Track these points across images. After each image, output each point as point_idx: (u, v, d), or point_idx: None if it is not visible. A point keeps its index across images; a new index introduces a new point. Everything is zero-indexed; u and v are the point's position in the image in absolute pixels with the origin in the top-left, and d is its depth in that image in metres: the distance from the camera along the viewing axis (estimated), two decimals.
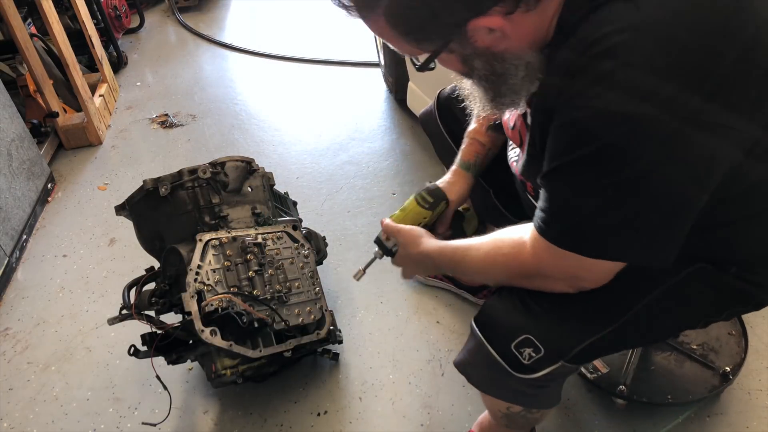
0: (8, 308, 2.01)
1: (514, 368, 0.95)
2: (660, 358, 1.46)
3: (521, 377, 0.96)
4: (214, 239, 1.42)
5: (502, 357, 0.96)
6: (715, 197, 0.80)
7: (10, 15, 2.37)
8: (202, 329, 1.29)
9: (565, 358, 0.95)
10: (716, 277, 0.94)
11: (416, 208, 1.27)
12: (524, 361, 0.94)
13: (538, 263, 0.90)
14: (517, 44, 0.80)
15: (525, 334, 0.93)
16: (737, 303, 0.99)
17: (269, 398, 1.61)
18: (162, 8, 4.17)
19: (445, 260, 1.09)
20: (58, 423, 1.63)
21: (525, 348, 0.94)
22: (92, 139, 2.81)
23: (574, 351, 0.95)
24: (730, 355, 1.46)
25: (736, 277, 0.94)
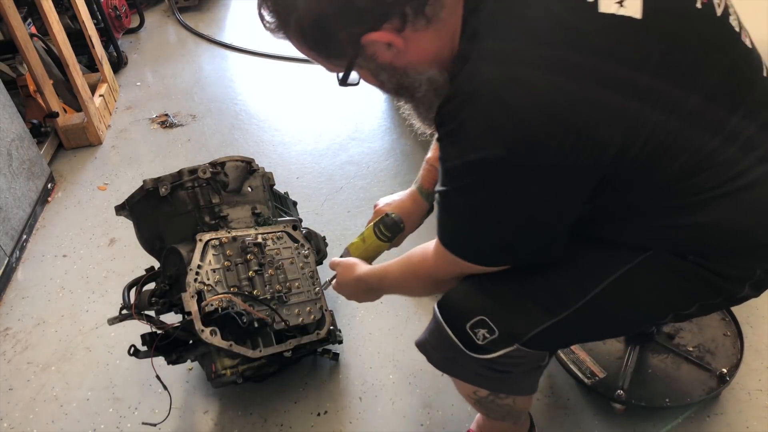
0: (8, 308, 2.01)
1: (469, 348, 0.99)
2: (657, 360, 1.46)
3: (476, 357, 0.99)
4: (214, 239, 1.42)
5: (457, 336, 0.99)
6: (659, 185, 0.85)
7: (10, 15, 2.37)
8: (202, 329, 1.30)
9: (519, 341, 0.98)
10: (674, 264, 0.94)
11: (376, 241, 1.32)
12: (478, 342, 0.98)
13: (437, 268, 1.00)
14: (416, 60, 0.87)
15: (480, 315, 0.97)
16: (706, 294, 0.97)
17: (269, 398, 1.61)
18: (162, 8, 4.17)
19: (373, 281, 1.21)
20: (58, 423, 1.63)
21: (479, 329, 0.97)
22: (92, 139, 2.81)
23: (529, 335, 0.97)
24: (726, 356, 1.46)
25: (695, 264, 0.93)
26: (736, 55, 0.88)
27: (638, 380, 1.41)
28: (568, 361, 1.45)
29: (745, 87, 0.87)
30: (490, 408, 1.17)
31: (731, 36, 0.87)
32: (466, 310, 0.99)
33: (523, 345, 0.98)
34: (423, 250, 1.05)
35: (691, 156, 0.83)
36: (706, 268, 0.93)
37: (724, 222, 0.89)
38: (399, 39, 0.83)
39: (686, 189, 0.86)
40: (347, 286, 1.30)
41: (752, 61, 0.90)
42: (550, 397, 1.51)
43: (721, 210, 0.88)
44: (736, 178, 0.86)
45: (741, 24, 0.91)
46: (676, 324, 1.53)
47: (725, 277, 0.95)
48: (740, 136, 0.85)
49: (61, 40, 2.65)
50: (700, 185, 0.86)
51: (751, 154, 0.86)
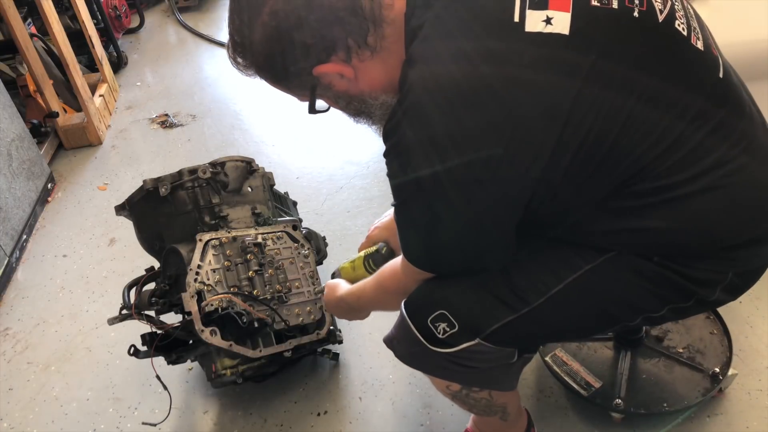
0: (8, 308, 2.01)
1: (430, 342, 1.01)
2: (649, 365, 1.45)
3: (437, 351, 1.01)
4: (214, 239, 1.42)
5: (418, 330, 1.01)
6: (605, 187, 0.86)
7: (10, 15, 2.37)
8: (202, 329, 1.30)
9: (480, 336, 0.99)
10: (638, 265, 0.93)
11: (365, 273, 1.34)
12: (439, 335, 1.00)
13: (406, 281, 1.04)
14: (368, 88, 0.93)
15: (440, 310, 0.99)
16: (674, 297, 0.96)
17: (269, 398, 1.61)
18: (162, 8, 4.17)
19: (352, 301, 1.25)
20: (58, 423, 1.63)
21: (440, 323, 0.99)
22: (92, 139, 2.81)
23: (489, 329, 0.98)
24: (716, 354, 1.45)
25: (661, 266, 0.93)
26: (683, 59, 0.87)
27: (634, 387, 1.40)
28: (562, 373, 1.45)
29: (693, 90, 0.86)
30: (467, 402, 1.18)
31: (676, 40, 0.86)
32: (427, 304, 1.01)
33: (484, 340, 0.99)
34: (393, 265, 1.09)
35: (634, 160, 0.84)
36: (674, 271, 0.93)
37: (682, 225, 0.89)
38: (348, 69, 0.89)
39: (639, 192, 0.87)
40: (333, 307, 1.35)
41: (703, 64, 0.89)
42: (550, 398, 1.51)
43: (677, 214, 0.88)
44: (690, 182, 0.86)
45: (693, 26, 0.90)
46: (663, 326, 1.53)
47: (694, 281, 0.94)
48: (690, 140, 0.85)
49: (61, 40, 2.65)
50: (651, 188, 0.86)
51: (706, 158, 0.86)
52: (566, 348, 1.50)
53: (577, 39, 0.80)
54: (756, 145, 0.90)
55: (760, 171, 0.90)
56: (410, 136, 0.84)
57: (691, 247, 0.93)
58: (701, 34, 0.91)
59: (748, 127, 0.91)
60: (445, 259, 0.96)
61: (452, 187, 0.84)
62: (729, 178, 0.87)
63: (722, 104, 0.88)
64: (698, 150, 0.85)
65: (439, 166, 0.82)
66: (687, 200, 0.87)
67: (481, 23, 0.82)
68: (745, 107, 0.92)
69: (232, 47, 0.92)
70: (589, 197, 0.89)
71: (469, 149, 0.81)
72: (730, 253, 0.93)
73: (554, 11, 0.80)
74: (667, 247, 0.93)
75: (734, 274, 0.95)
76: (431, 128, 0.82)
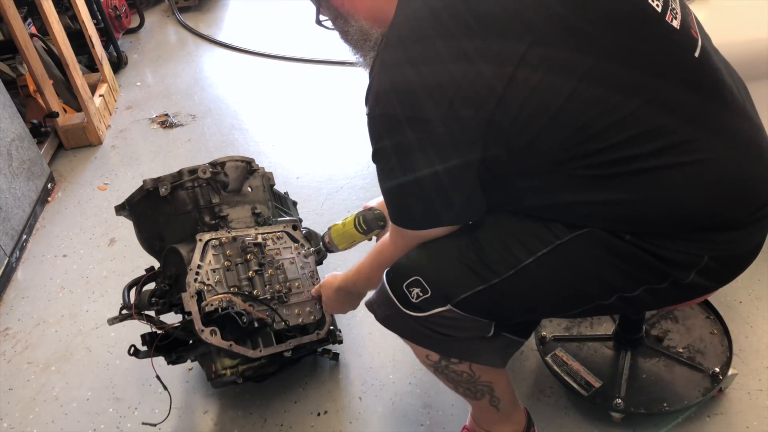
0: (8, 308, 2.01)
1: (404, 305, 1.06)
2: (649, 365, 1.45)
3: (411, 314, 1.06)
4: (214, 239, 1.42)
5: (394, 294, 1.07)
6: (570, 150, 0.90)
7: (10, 15, 2.37)
8: (202, 329, 1.30)
9: (451, 302, 1.03)
10: (609, 243, 0.95)
11: (353, 230, 1.40)
12: (413, 300, 1.05)
13: (395, 248, 1.09)
14: (353, 10, 1.03)
15: (415, 276, 1.04)
16: (648, 277, 0.98)
17: (269, 398, 1.61)
18: (162, 8, 4.17)
19: (349, 284, 1.32)
20: (58, 423, 1.63)
21: (414, 288, 1.05)
22: (92, 139, 2.81)
23: (460, 297, 1.02)
24: (716, 354, 1.46)
25: (632, 245, 0.94)
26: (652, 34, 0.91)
27: (634, 387, 1.41)
28: (562, 372, 1.45)
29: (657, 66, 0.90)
30: (449, 376, 1.20)
31: (647, 14, 0.90)
32: (404, 270, 1.06)
33: (455, 306, 1.03)
34: (385, 239, 1.14)
35: (582, 125, 0.88)
36: (645, 250, 0.94)
37: (647, 199, 0.92)
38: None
39: (599, 162, 0.90)
40: (332, 300, 1.40)
41: (676, 42, 0.92)
42: (551, 397, 1.51)
43: (640, 186, 0.91)
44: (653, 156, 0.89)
45: (670, 6, 0.92)
46: (663, 326, 1.53)
47: (667, 261, 0.95)
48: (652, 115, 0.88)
49: (61, 40, 2.65)
50: (613, 159, 0.89)
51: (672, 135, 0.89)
52: (566, 348, 1.50)
53: None
54: (731, 129, 0.92)
55: (731, 155, 0.92)
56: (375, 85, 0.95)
57: (661, 224, 0.94)
58: (680, 14, 0.93)
59: (723, 110, 0.93)
60: (416, 211, 1.00)
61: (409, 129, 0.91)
62: (695, 156, 0.89)
63: (695, 86, 0.90)
64: (662, 125, 0.88)
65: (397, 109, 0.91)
66: (651, 173, 0.90)
67: None
68: (723, 90, 0.93)
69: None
70: (544, 157, 0.92)
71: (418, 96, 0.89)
72: (703, 235, 0.95)
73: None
74: (637, 223, 0.94)
75: (710, 258, 0.96)
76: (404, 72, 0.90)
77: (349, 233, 1.40)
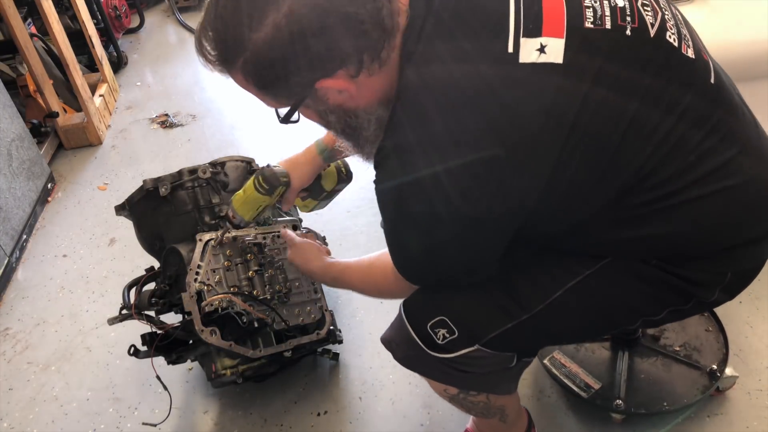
0: (8, 308, 2.01)
1: (429, 347, 1.01)
2: (647, 364, 1.45)
3: (436, 356, 1.01)
4: (214, 239, 1.42)
5: (418, 335, 1.01)
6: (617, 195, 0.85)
7: (10, 15, 2.37)
8: (202, 329, 1.29)
9: (479, 342, 0.99)
10: (637, 269, 0.93)
11: (254, 192, 1.27)
12: (438, 341, 1.00)
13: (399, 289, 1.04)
14: (366, 102, 0.88)
15: (440, 315, 0.99)
16: (674, 299, 0.96)
17: (269, 398, 1.61)
18: (162, 8, 4.17)
19: (329, 278, 1.29)
20: (58, 423, 1.63)
21: (440, 329, 0.99)
22: (92, 139, 2.81)
23: (489, 336, 0.98)
24: (712, 351, 1.46)
25: (659, 270, 0.93)
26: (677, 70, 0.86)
27: (633, 387, 1.41)
28: (561, 375, 1.44)
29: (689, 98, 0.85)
30: (464, 405, 1.18)
31: (668, 52, 0.86)
32: (427, 309, 1.01)
33: (483, 346, 0.99)
34: (384, 266, 1.06)
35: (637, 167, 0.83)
36: (672, 273, 0.93)
37: (682, 230, 0.88)
38: (352, 85, 0.84)
39: (640, 202, 0.86)
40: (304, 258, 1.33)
41: (696, 72, 0.88)
42: (550, 397, 1.51)
43: (677, 220, 0.87)
44: (690, 188, 0.85)
45: (683, 34, 0.89)
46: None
47: (693, 282, 0.93)
48: (689, 144, 0.84)
49: (61, 40, 2.65)
50: (653, 197, 0.86)
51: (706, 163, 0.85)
52: (564, 350, 1.50)
53: (571, 67, 0.79)
54: (750, 145, 0.91)
55: (757, 170, 0.90)
56: (411, 135, 0.82)
57: (691, 249, 0.92)
58: (692, 41, 0.90)
59: (742, 128, 0.91)
60: (438, 267, 0.95)
61: (453, 187, 0.82)
62: (727, 181, 0.87)
63: (716, 108, 0.88)
64: (697, 155, 0.85)
65: (440, 166, 0.80)
66: (687, 205, 0.87)
67: (476, 53, 0.80)
68: (737, 109, 0.92)
69: (214, 38, 0.82)
70: (591, 206, 0.87)
71: (469, 149, 0.79)
72: (730, 253, 0.93)
73: (548, 38, 0.79)
74: (667, 250, 0.92)
75: (733, 273, 0.95)
76: (432, 126, 0.80)
77: (252, 198, 1.27)
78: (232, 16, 0.79)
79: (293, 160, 1.36)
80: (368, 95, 0.87)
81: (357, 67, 0.82)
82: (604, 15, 0.82)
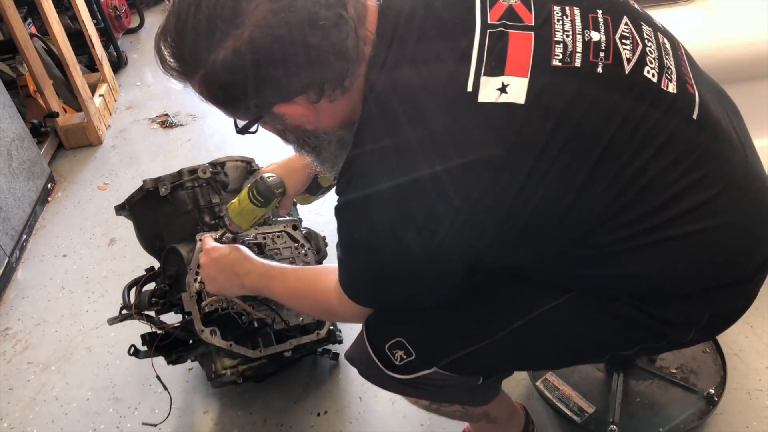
0: (8, 308, 2.01)
1: (387, 367, 0.99)
2: (642, 387, 1.43)
3: (395, 377, 1.00)
4: (214, 239, 1.42)
5: (376, 356, 0.99)
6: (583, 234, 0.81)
7: (10, 15, 2.37)
8: (202, 329, 1.30)
9: (438, 365, 0.97)
10: (605, 305, 0.90)
11: (249, 205, 1.24)
12: (396, 363, 0.98)
13: (344, 310, 0.99)
14: (327, 125, 0.86)
15: (398, 337, 0.97)
16: (645, 338, 0.92)
17: (269, 398, 1.61)
18: (162, 8, 4.17)
19: (256, 283, 1.15)
20: (58, 423, 1.63)
21: (397, 350, 0.97)
22: (92, 139, 2.81)
23: (447, 360, 0.96)
24: (709, 374, 1.43)
25: (630, 307, 0.89)
26: (652, 110, 0.80)
27: (628, 411, 1.37)
28: (554, 398, 1.42)
29: (664, 140, 0.80)
30: (442, 413, 1.16)
31: (643, 90, 0.80)
32: (385, 330, 0.99)
33: (441, 368, 0.97)
34: (327, 283, 1.01)
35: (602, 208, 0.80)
36: (644, 312, 0.88)
37: (656, 270, 0.85)
38: (312, 112, 0.83)
39: (609, 240, 0.82)
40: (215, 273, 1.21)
41: (675, 110, 0.82)
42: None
43: (651, 259, 0.83)
44: (663, 227, 0.81)
45: (665, 66, 0.83)
46: None
47: (667, 323, 0.89)
48: (663, 185, 0.80)
49: (61, 40, 2.65)
50: (624, 236, 0.81)
51: (680, 204, 0.80)
52: (557, 372, 1.47)
53: (534, 108, 0.75)
54: (734, 182, 0.85)
55: (744, 211, 0.86)
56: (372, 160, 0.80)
57: (663, 290, 0.88)
58: (675, 74, 0.84)
59: (727, 163, 0.85)
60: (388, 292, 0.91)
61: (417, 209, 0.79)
62: (705, 222, 0.82)
63: (697, 144, 0.82)
64: (672, 194, 0.80)
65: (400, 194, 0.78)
66: (661, 245, 0.82)
67: (436, 86, 0.76)
68: (724, 142, 0.85)
69: (172, 49, 0.79)
70: (557, 242, 0.83)
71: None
72: (706, 294, 0.89)
73: (511, 77, 0.75)
74: (637, 289, 0.89)
75: (710, 316, 0.91)
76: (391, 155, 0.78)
77: (248, 210, 1.24)
78: (192, 31, 0.76)
79: (287, 167, 1.29)
80: (329, 120, 0.86)
81: (317, 93, 0.80)
82: (575, 51, 0.77)
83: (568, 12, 0.80)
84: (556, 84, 0.76)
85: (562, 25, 0.79)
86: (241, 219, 1.26)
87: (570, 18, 0.80)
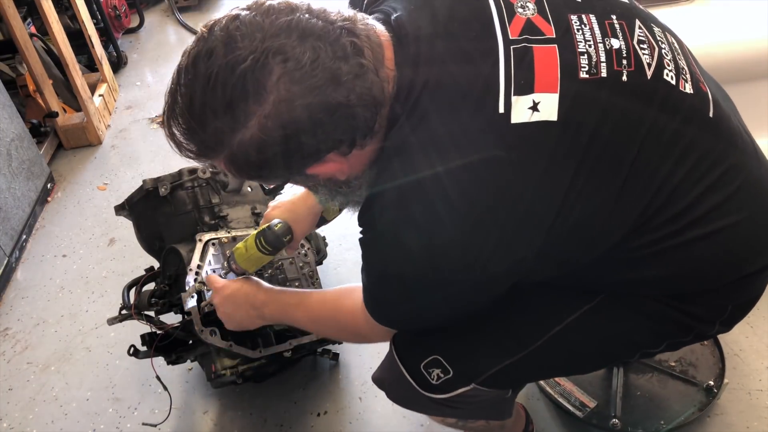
0: (8, 308, 2.01)
1: (423, 387, 0.97)
2: (643, 381, 1.44)
3: (431, 396, 0.97)
4: (213, 239, 1.42)
5: (411, 376, 0.97)
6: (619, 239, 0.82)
7: (10, 15, 2.37)
8: (202, 329, 1.29)
9: (476, 381, 0.96)
10: (637, 302, 0.91)
11: (257, 253, 1.20)
12: (433, 382, 0.96)
13: (372, 332, 0.98)
14: (358, 170, 0.84)
15: (434, 355, 0.95)
16: (675, 332, 0.94)
17: (269, 398, 1.61)
18: (162, 8, 4.17)
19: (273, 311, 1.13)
20: (58, 423, 1.63)
21: (434, 368, 0.95)
22: (92, 139, 2.81)
23: (486, 374, 0.95)
24: (708, 366, 1.44)
25: (661, 303, 0.90)
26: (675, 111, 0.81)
27: (629, 405, 1.39)
28: (556, 394, 1.42)
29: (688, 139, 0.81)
30: (464, 428, 1.16)
31: (666, 93, 0.81)
32: (420, 349, 0.97)
33: (479, 384, 0.96)
34: (353, 303, 0.98)
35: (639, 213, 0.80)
36: (673, 307, 0.90)
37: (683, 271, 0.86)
38: (345, 164, 0.80)
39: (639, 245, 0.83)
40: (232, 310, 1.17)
41: (694, 108, 0.83)
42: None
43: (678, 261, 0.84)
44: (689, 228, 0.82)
45: (681, 68, 0.84)
46: None
47: (694, 317, 0.91)
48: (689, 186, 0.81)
49: (60, 40, 2.65)
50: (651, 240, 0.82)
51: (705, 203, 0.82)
52: None
53: (567, 123, 0.74)
54: (751, 177, 0.87)
55: (756, 204, 0.87)
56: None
57: (693, 287, 0.90)
58: (689, 73, 0.85)
59: (742, 158, 0.87)
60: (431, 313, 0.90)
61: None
62: (728, 218, 0.83)
63: (717, 142, 0.84)
64: (698, 193, 0.81)
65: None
66: (688, 246, 0.83)
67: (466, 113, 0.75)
68: (737, 140, 0.87)
69: (187, 130, 0.75)
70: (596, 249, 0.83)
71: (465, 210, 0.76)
72: (730, 286, 0.91)
73: (541, 94, 0.74)
74: (668, 288, 0.90)
75: (733, 307, 0.93)
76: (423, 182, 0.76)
77: (255, 257, 1.21)
78: (210, 114, 0.72)
79: (295, 211, 1.23)
80: (359, 165, 0.84)
81: (349, 146, 0.77)
82: (599, 62, 0.77)
83: (586, 20, 0.80)
84: (586, 97, 0.76)
85: (583, 35, 0.79)
86: (248, 264, 1.23)
87: (588, 26, 0.79)
